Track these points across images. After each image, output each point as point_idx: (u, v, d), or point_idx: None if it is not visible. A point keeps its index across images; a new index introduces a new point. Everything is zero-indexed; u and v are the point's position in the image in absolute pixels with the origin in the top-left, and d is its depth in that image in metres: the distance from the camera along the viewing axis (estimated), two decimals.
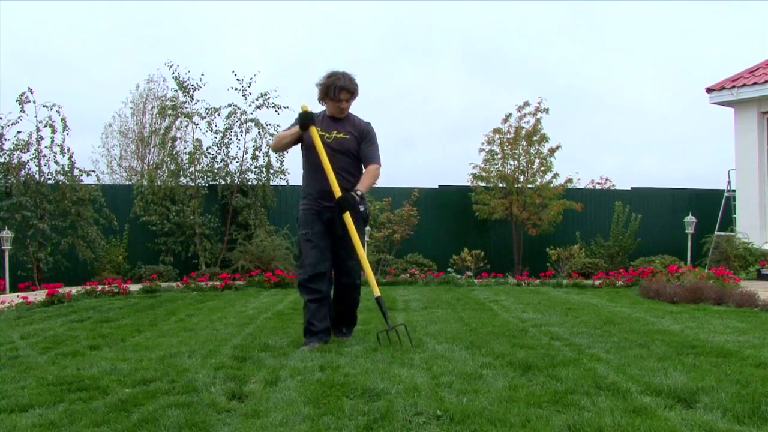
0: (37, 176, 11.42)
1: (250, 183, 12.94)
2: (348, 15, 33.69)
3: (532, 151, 13.16)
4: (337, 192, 4.36)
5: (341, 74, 4.46)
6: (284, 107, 12.77)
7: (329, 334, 4.50)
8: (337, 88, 4.41)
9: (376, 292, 4.45)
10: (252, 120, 12.83)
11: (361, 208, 4.47)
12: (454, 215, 13.90)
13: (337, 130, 4.51)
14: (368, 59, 33.18)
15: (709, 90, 12.47)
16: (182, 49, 32.31)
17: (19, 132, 11.35)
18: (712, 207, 13.12)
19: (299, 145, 4.63)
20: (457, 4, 36.81)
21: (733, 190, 12.59)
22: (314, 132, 4.43)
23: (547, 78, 32.33)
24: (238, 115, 12.77)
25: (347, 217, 4.35)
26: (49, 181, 11.55)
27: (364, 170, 4.59)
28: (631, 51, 35.28)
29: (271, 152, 12.87)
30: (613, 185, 20.41)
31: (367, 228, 3.90)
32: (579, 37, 35.60)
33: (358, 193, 4.41)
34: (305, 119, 4.48)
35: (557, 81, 32.54)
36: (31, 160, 11.41)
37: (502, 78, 35.23)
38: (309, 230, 4.48)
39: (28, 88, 11.15)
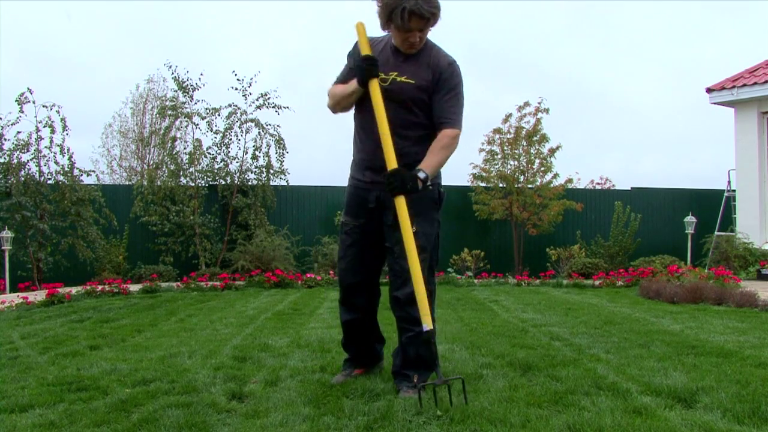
0: (37, 176, 11.40)
1: (250, 183, 12.93)
2: (351, 15, 33.65)
3: (532, 151, 13.16)
4: (392, 164, 3.02)
5: None
6: (284, 107, 12.80)
7: (375, 359, 3.49)
8: (406, 12, 2.94)
9: (427, 323, 2.89)
10: (252, 120, 12.83)
11: (429, 185, 3.14)
12: (454, 215, 13.88)
13: (399, 71, 3.13)
14: None
15: (709, 90, 12.46)
16: (182, 49, 32.33)
17: (18, 132, 11.36)
18: (712, 207, 13.11)
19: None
20: (461, 4, 36.79)
21: (733, 190, 12.58)
22: (375, 88, 3.08)
23: (548, 78, 32.38)
24: (239, 115, 12.77)
25: (400, 202, 3.01)
26: (49, 181, 11.54)
27: (435, 137, 3.14)
28: (632, 51, 35.34)
29: (271, 152, 12.87)
30: (613, 185, 20.47)
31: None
32: (580, 38, 35.64)
33: (420, 176, 3.03)
34: (366, 72, 3.09)
35: (558, 81, 32.60)
36: (30, 160, 11.40)
37: (504, 78, 35.28)
38: (350, 218, 3.31)
39: (28, 89, 11.14)
